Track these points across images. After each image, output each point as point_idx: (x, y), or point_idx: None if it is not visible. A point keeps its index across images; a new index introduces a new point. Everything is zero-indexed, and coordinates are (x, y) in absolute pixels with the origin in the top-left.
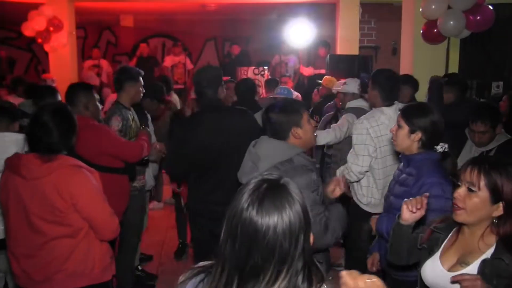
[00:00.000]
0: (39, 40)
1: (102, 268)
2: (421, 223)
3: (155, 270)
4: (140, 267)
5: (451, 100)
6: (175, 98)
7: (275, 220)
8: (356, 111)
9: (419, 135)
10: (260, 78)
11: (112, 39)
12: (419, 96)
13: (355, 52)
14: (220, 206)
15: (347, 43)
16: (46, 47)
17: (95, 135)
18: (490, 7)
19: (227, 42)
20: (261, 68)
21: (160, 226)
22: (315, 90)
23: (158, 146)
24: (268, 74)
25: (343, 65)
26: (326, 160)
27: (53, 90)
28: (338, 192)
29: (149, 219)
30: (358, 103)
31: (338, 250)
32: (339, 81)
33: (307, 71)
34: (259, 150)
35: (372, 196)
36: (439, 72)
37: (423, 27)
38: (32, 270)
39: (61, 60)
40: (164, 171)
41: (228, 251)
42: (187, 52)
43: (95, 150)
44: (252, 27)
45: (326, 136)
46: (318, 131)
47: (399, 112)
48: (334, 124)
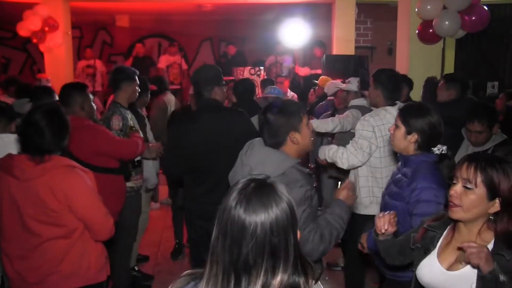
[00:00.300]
0: (34, 40)
1: (97, 268)
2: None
3: (151, 270)
4: (136, 268)
5: (451, 98)
6: (170, 98)
7: (262, 217)
8: (359, 109)
9: (415, 136)
10: (256, 78)
11: (108, 39)
12: (414, 96)
13: (351, 52)
14: (216, 207)
15: (343, 43)
16: (42, 47)
17: (92, 135)
18: (485, 7)
19: (223, 42)
20: (257, 68)
21: (156, 227)
22: (312, 90)
23: (155, 144)
24: (264, 74)
25: (339, 65)
26: None
27: (50, 91)
28: (353, 198)
29: None
30: (361, 101)
31: (335, 250)
32: (331, 81)
33: (303, 71)
34: (251, 160)
35: (373, 195)
36: (434, 72)
37: (419, 27)
38: (26, 272)
39: (56, 60)
40: (161, 171)
41: (220, 248)
42: (183, 53)
43: (92, 151)
44: (248, 27)
45: (328, 125)
46: (317, 120)
47: (398, 111)
48: (337, 115)
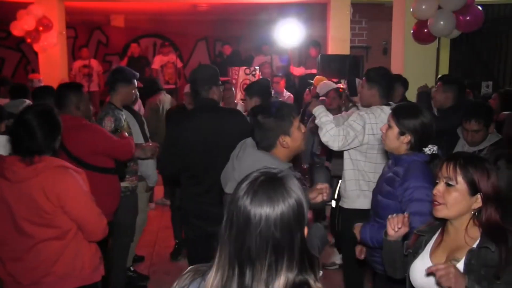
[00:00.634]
0: (28, 40)
1: (92, 268)
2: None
3: (146, 270)
4: (132, 268)
5: (449, 101)
6: (164, 98)
7: (267, 211)
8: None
9: (408, 137)
10: (251, 78)
11: (103, 39)
12: (410, 96)
13: (346, 52)
14: (213, 207)
15: (338, 43)
16: (36, 47)
17: (90, 135)
18: (480, 7)
19: (218, 42)
20: (252, 68)
21: (151, 227)
22: (307, 90)
23: (150, 144)
24: (260, 74)
25: (334, 65)
26: (315, 159)
27: (52, 91)
28: (320, 199)
29: None
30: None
31: (330, 249)
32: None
33: (298, 71)
34: (242, 164)
35: (360, 188)
36: (429, 72)
37: (414, 27)
38: (20, 273)
39: (50, 60)
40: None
41: (227, 236)
42: (178, 52)
43: (90, 150)
44: (243, 27)
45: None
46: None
47: (391, 111)
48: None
